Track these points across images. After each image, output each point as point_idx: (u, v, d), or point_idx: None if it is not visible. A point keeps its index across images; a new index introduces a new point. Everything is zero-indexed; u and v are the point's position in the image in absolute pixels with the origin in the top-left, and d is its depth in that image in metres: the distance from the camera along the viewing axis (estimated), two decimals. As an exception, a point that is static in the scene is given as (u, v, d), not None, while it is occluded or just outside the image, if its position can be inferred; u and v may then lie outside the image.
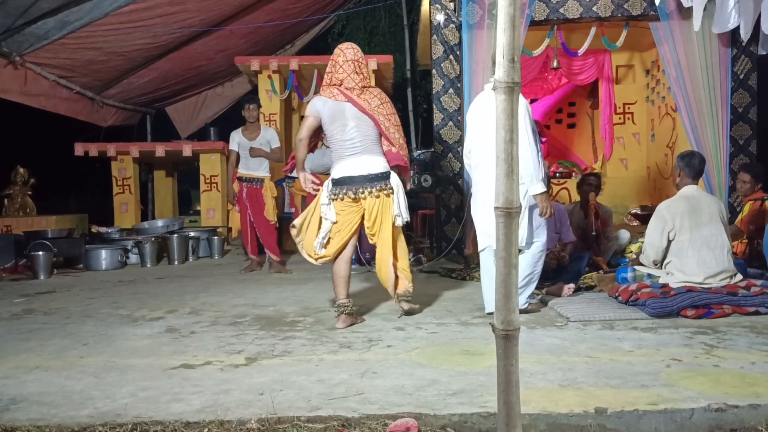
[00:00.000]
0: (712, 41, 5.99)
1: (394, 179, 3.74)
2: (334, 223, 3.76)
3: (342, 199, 3.71)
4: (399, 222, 3.74)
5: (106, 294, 5.03)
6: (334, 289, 3.77)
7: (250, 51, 8.85)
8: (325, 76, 3.85)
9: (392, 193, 3.71)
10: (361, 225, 3.83)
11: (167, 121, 10.99)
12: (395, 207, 3.71)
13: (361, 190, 3.68)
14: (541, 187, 3.72)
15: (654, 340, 3.22)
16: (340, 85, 3.73)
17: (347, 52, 3.77)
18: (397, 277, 3.81)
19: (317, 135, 3.94)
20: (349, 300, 3.73)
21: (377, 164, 3.71)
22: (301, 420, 2.18)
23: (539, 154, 3.88)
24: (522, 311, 3.72)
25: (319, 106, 3.74)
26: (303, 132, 3.81)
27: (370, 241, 3.89)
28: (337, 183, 3.73)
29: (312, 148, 4.04)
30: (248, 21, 8.05)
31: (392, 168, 3.78)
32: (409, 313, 3.87)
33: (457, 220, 6.47)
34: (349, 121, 3.69)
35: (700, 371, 2.64)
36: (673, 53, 6.04)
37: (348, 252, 3.82)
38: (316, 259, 3.82)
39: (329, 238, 3.76)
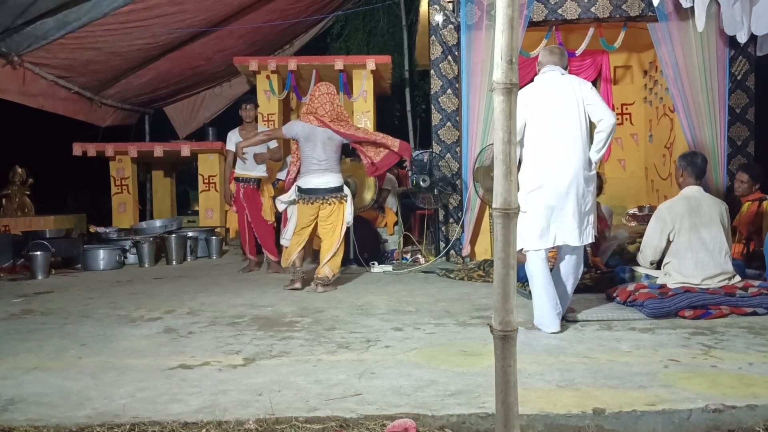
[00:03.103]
0: (710, 42, 5.99)
1: (347, 190, 4.96)
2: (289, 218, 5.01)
3: (307, 203, 4.85)
4: (348, 218, 4.89)
5: (104, 294, 5.02)
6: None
7: (249, 51, 8.83)
8: (304, 106, 5.04)
9: (346, 200, 4.90)
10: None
11: (165, 121, 10.95)
12: (347, 212, 4.89)
13: (324, 198, 4.83)
14: (598, 158, 3.58)
15: (652, 340, 3.22)
16: (315, 113, 4.85)
17: (322, 87, 4.97)
18: (327, 262, 4.86)
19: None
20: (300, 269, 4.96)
21: (336, 179, 4.88)
22: (299, 420, 2.18)
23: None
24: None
25: (298, 129, 4.91)
26: (265, 138, 5.43)
27: (320, 236, 4.94)
28: (305, 192, 4.85)
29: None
30: (247, 21, 8.03)
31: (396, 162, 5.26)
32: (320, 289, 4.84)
33: (455, 220, 6.47)
34: (319, 143, 4.83)
35: (697, 372, 2.65)
36: (671, 54, 6.04)
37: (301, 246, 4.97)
38: (287, 259, 4.97)
39: (294, 234, 4.93)
